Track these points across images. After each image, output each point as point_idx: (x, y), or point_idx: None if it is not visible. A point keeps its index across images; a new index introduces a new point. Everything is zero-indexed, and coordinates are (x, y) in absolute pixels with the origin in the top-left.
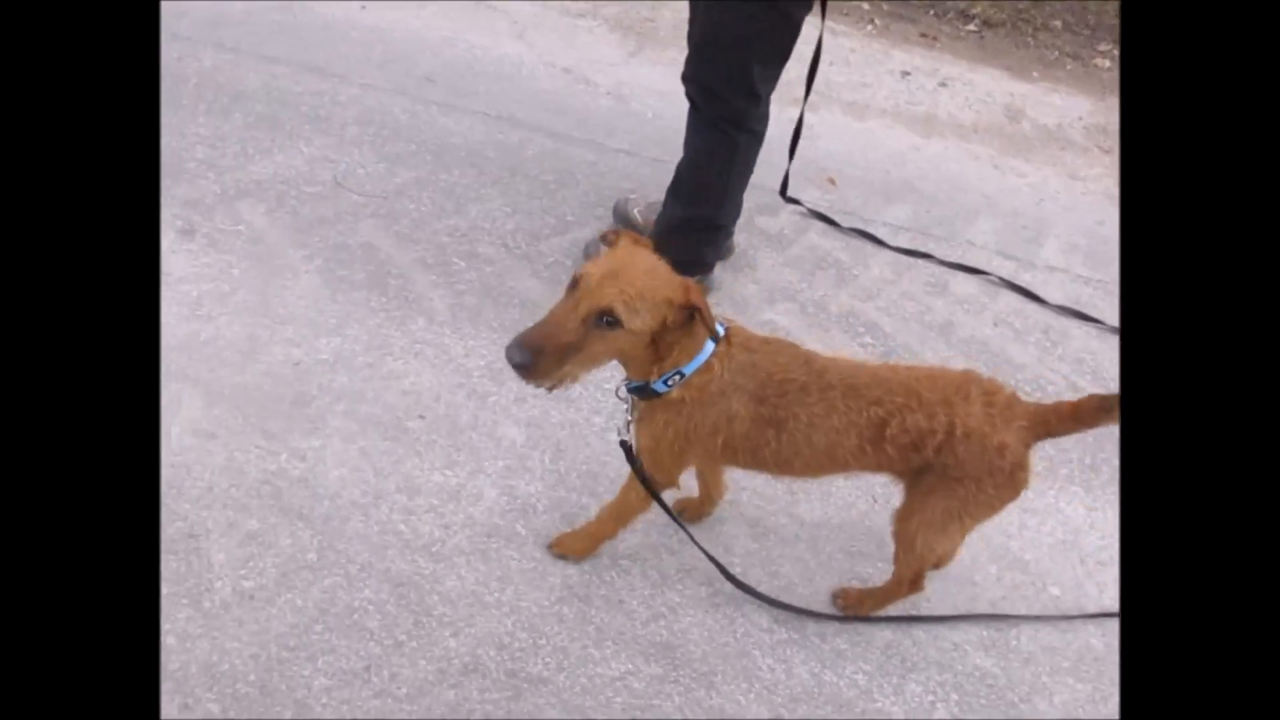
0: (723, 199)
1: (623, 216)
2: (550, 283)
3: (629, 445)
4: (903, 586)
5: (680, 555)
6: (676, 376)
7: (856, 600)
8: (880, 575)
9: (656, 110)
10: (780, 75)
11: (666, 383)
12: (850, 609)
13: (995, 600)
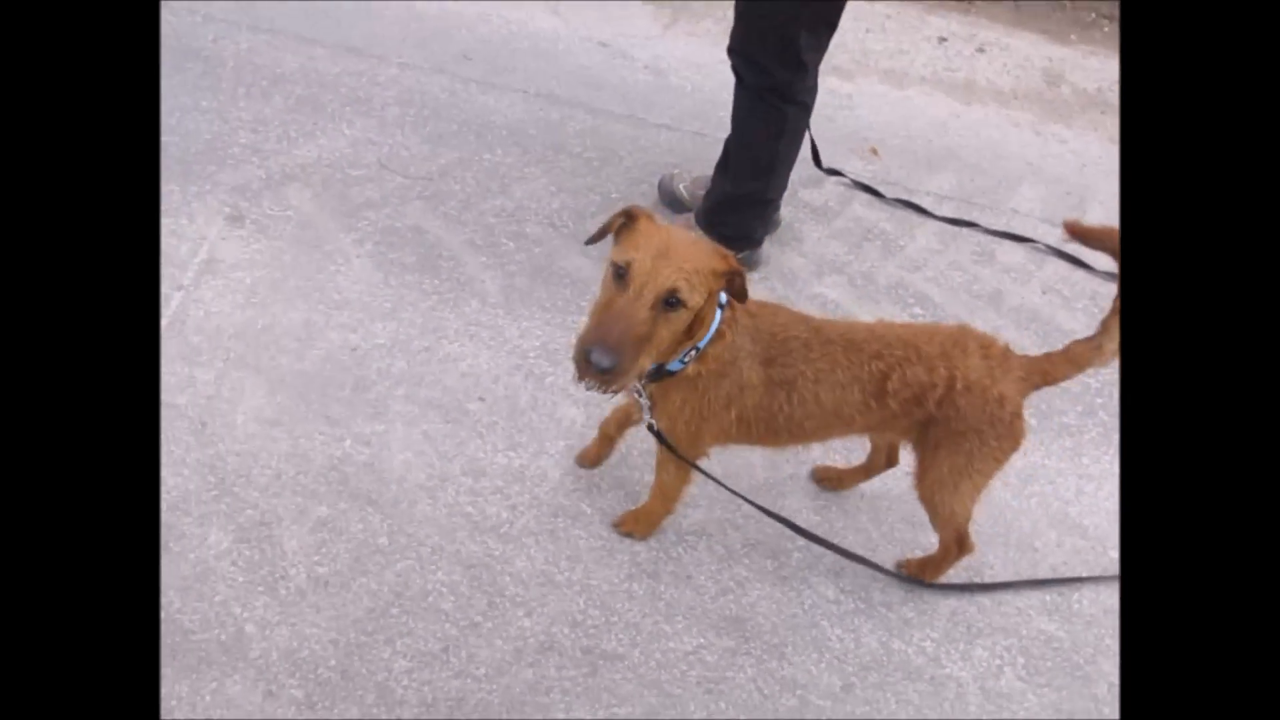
0: (771, 173)
1: (668, 193)
2: (599, 260)
3: (658, 430)
4: (950, 550)
5: (745, 530)
6: (692, 351)
7: (918, 569)
8: None
9: (695, 84)
10: (828, 45)
11: (683, 360)
12: (913, 577)
13: (1056, 565)
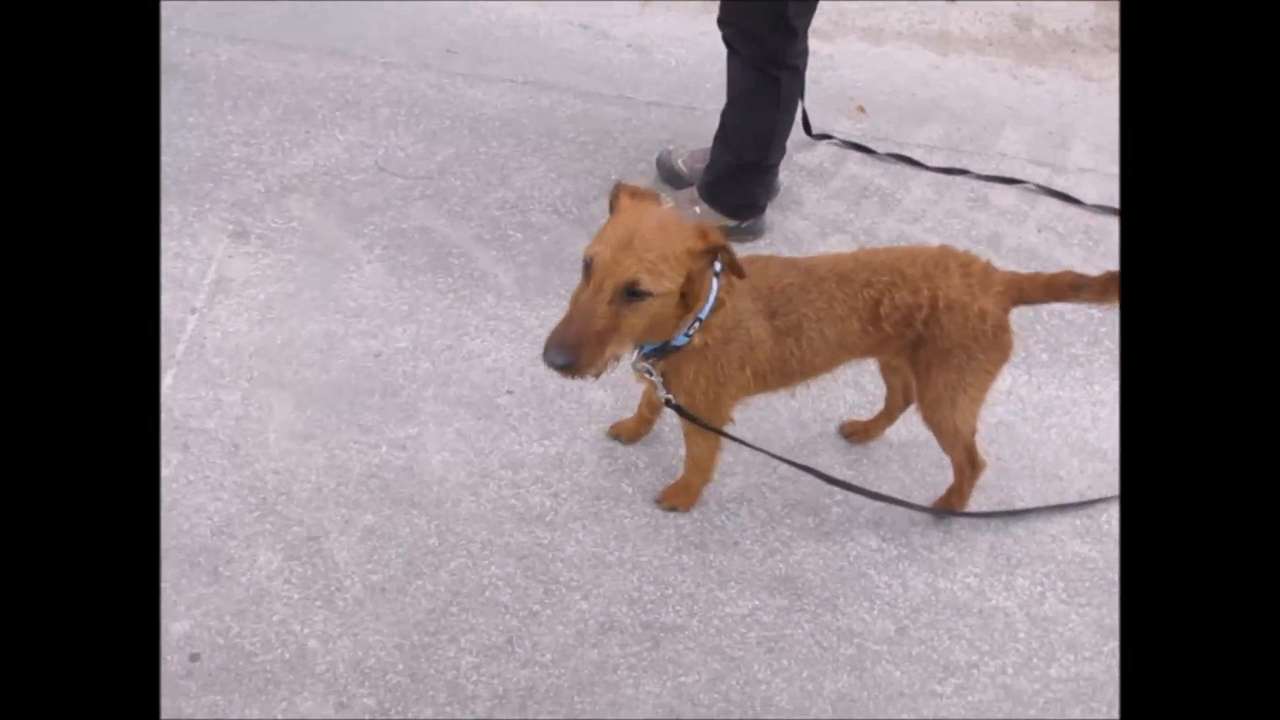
0: (770, 140)
1: (668, 169)
2: None
3: (676, 404)
4: (964, 470)
5: (782, 491)
6: (695, 324)
7: (945, 502)
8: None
9: (679, 58)
10: (815, 8)
11: (687, 333)
12: (944, 509)
13: (1082, 490)
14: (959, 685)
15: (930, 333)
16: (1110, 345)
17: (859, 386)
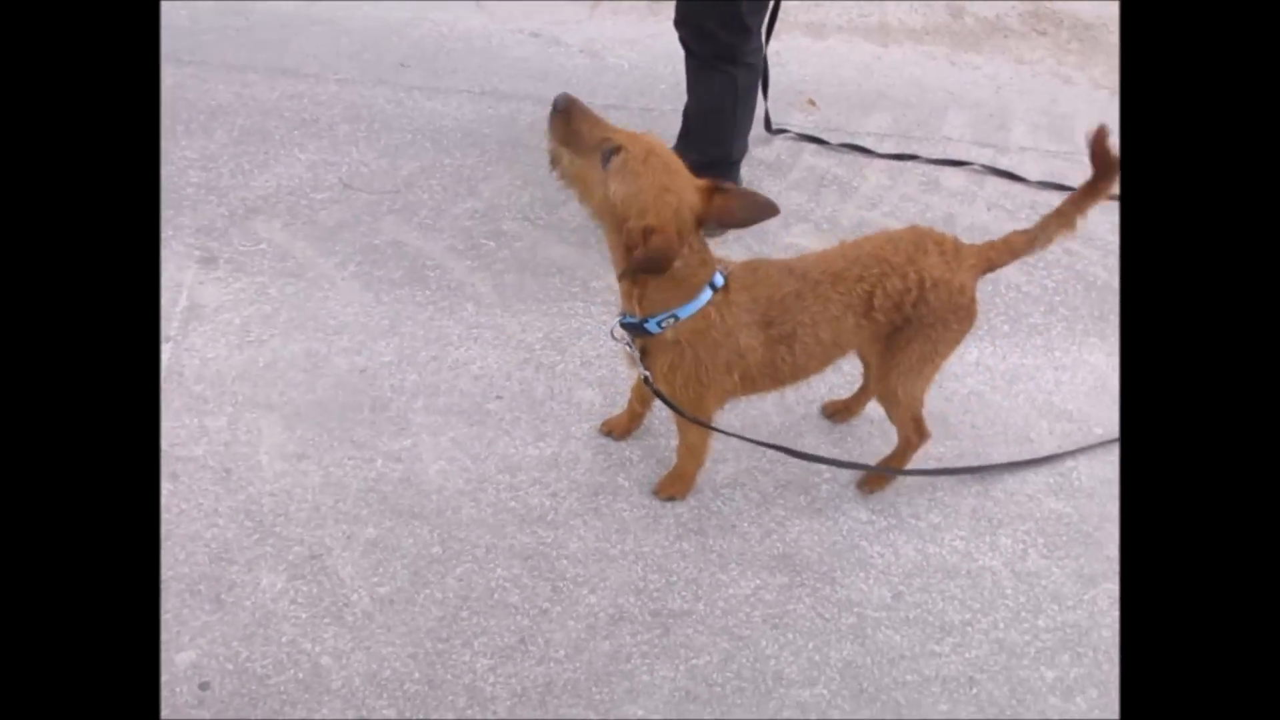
0: (732, 136)
1: None
2: (580, 246)
3: (655, 386)
4: (910, 441)
5: (774, 473)
6: (671, 319)
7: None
8: (953, 447)
9: (631, 61)
10: (768, 7)
11: (660, 324)
12: (883, 470)
13: (1053, 450)
14: (956, 643)
15: (917, 312)
16: (1065, 313)
17: (836, 368)
